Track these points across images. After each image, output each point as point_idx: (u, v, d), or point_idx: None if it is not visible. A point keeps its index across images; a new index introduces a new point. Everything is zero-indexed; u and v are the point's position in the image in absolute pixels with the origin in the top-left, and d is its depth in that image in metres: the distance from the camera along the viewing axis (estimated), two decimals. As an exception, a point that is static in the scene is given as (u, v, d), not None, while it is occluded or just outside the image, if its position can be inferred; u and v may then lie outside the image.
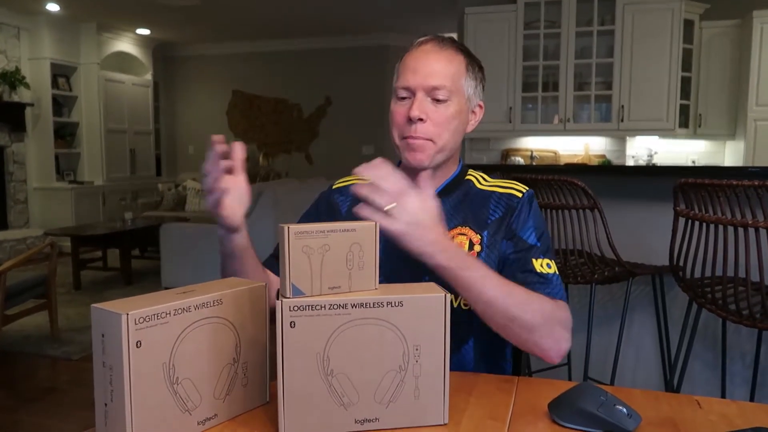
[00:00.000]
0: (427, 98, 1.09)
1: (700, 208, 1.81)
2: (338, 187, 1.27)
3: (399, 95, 1.12)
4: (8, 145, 6.50)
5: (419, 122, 1.08)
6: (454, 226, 1.13)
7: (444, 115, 1.10)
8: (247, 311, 0.83)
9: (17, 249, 6.21)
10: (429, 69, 1.09)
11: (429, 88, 1.08)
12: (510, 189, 1.17)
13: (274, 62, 8.16)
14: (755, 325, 1.73)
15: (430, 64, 1.10)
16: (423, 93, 1.09)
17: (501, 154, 5.51)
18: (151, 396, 0.72)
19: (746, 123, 4.86)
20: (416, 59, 1.11)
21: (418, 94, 1.09)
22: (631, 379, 2.55)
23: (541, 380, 0.99)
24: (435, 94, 1.09)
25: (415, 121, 1.08)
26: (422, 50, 1.12)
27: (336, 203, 1.24)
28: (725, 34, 5.06)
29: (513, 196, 1.15)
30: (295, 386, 0.76)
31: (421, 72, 1.09)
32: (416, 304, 0.79)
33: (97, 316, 0.71)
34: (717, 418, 0.84)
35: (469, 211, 1.14)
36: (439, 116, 1.09)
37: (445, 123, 1.10)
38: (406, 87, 1.10)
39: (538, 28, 5.10)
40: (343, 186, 1.27)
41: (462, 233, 1.12)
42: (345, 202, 1.23)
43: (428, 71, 1.09)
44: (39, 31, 6.60)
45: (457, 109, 1.11)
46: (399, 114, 1.11)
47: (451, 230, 1.13)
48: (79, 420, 2.64)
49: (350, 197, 1.22)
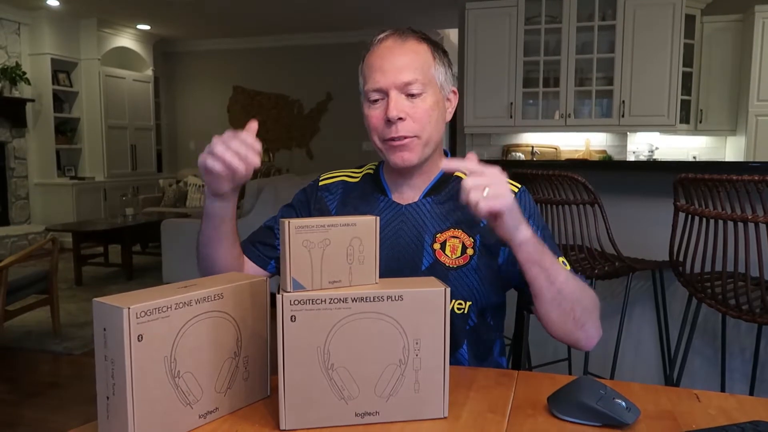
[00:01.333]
0: (401, 95, 1.05)
1: (700, 203, 1.81)
2: (325, 183, 1.23)
3: (371, 98, 1.08)
4: (9, 141, 6.51)
5: (399, 121, 1.05)
6: (446, 228, 1.11)
7: (422, 108, 1.06)
8: (247, 305, 0.84)
9: (19, 245, 6.22)
10: (397, 65, 1.05)
11: (401, 84, 1.05)
12: None
13: (275, 58, 8.15)
14: (755, 320, 1.73)
15: (396, 59, 1.05)
16: (396, 91, 1.05)
17: (502, 150, 5.51)
18: (152, 389, 0.72)
19: (747, 118, 4.86)
20: (381, 57, 1.07)
21: (391, 93, 1.05)
22: (630, 373, 2.55)
23: (540, 374, 0.99)
24: (408, 89, 1.05)
25: (394, 122, 1.05)
26: (385, 47, 1.08)
27: (324, 201, 1.20)
28: (727, 29, 5.05)
29: None
30: (296, 380, 0.77)
31: (389, 70, 1.05)
32: (416, 298, 0.79)
33: (98, 310, 0.72)
34: (716, 411, 0.85)
35: (461, 211, 1.10)
36: (417, 111, 1.06)
37: (425, 116, 1.07)
38: (377, 89, 1.06)
39: (539, 23, 5.10)
40: (330, 182, 1.23)
41: (455, 236, 1.10)
42: (333, 201, 1.20)
43: (396, 67, 1.05)
44: (39, 27, 6.59)
45: (433, 100, 1.08)
46: (375, 117, 1.08)
47: (443, 232, 1.10)
48: (81, 414, 2.65)
49: (339, 195, 1.20)
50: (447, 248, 1.09)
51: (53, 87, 6.72)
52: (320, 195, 1.21)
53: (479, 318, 1.11)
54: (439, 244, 1.09)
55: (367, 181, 1.20)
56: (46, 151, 6.79)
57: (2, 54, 6.35)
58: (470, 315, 1.09)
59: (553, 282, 0.96)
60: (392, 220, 1.13)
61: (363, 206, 1.16)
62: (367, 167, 1.24)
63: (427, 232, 1.10)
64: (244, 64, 8.32)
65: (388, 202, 1.15)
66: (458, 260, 1.09)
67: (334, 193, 1.21)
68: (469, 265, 1.09)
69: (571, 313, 0.97)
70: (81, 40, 7.04)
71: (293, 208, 1.23)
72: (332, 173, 1.25)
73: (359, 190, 1.20)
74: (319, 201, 1.20)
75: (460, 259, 1.09)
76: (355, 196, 1.19)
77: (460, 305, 1.09)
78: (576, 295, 0.98)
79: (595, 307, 1.01)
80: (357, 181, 1.22)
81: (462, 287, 1.08)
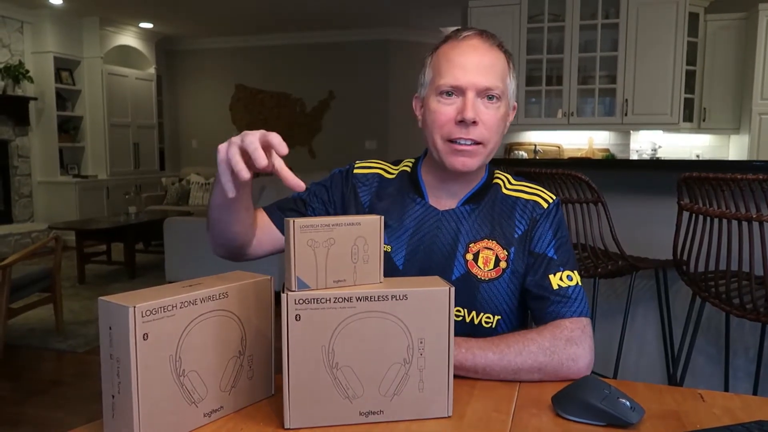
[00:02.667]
0: (478, 98, 1.02)
1: (704, 201, 1.81)
2: (360, 172, 1.18)
3: (444, 93, 1.03)
4: (12, 139, 6.52)
5: (473, 125, 1.01)
6: (480, 238, 1.08)
7: (495, 117, 1.03)
8: (252, 305, 0.84)
9: (22, 243, 6.23)
10: (481, 67, 1.02)
11: (482, 88, 1.01)
12: (535, 196, 1.12)
13: (277, 56, 8.15)
14: (759, 318, 1.73)
15: (481, 60, 1.02)
16: (473, 92, 1.01)
17: (504, 148, 5.50)
18: (157, 388, 0.72)
19: (751, 117, 4.84)
20: (464, 55, 1.02)
21: (468, 93, 1.01)
22: (634, 373, 2.55)
23: (544, 373, 0.99)
24: (487, 93, 1.02)
25: (468, 124, 1.01)
26: (470, 45, 1.04)
27: (357, 190, 1.16)
28: (730, 27, 5.04)
29: (537, 205, 1.11)
30: (301, 379, 0.77)
31: (472, 69, 1.01)
32: (421, 298, 0.79)
33: (104, 309, 0.72)
34: (720, 411, 0.84)
35: (497, 221, 1.09)
36: (490, 118, 1.03)
37: (496, 126, 1.04)
38: (455, 85, 1.02)
39: (542, 22, 5.09)
40: (365, 173, 1.18)
41: (488, 247, 1.07)
42: (367, 194, 1.16)
43: (480, 69, 1.01)
44: (42, 25, 6.60)
45: (504, 111, 1.06)
46: (445, 114, 1.03)
47: (477, 242, 1.07)
48: (85, 413, 2.66)
49: (373, 189, 1.16)
50: (480, 260, 1.07)
51: (56, 85, 6.73)
52: (354, 183, 1.17)
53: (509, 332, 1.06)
54: (472, 255, 1.07)
55: (403, 180, 1.16)
56: (49, 150, 6.80)
57: (5, 52, 6.36)
58: (497, 330, 1.07)
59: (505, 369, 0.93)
60: (427, 225, 1.10)
61: (398, 205, 1.12)
62: (404, 164, 1.19)
63: (461, 242, 1.08)
64: (247, 62, 8.32)
65: (425, 206, 1.11)
66: (490, 273, 1.06)
67: (368, 185, 1.16)
68: (501, 278, 1.06)
69: (519, 376, 0.94)
70: (84, 38, 7.05)
71: (326, 189, 1.17)
72: (367, 163, 1.20)
73: (395, 187, 1.15)
74: (351, 189, 1.16)
75: (493, 272, 1.06)
76: (391, 194, 1.14)
77: (488, 319, 1.06)
78: (532, 363, 0.94)
79: (552, 351, 0.95)
80: (393, 178, 1.17)
81: (492, 301, 1.06)
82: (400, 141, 7.55)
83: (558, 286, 1.04)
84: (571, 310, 1.02)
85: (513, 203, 1.11)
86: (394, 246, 1.09)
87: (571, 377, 0.94)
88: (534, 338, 0.96)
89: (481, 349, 0.93)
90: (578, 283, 1.06)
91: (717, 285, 1.83)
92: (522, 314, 1.13)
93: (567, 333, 0.98)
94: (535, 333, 0.98)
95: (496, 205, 1.11)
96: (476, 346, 0.94)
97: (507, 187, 1.14)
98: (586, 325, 1.01)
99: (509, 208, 1.11)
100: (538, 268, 1.07)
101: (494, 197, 1.12)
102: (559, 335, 0.98)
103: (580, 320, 1.01)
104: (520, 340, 0.96)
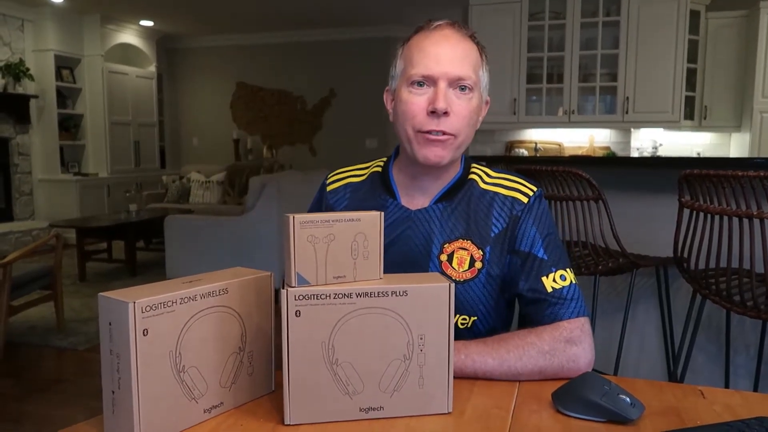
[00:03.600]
0: (450, 89, 1.00)
1: (704, 199, 1.81)
2: (332, 188, 1.18)
3: (415, 84, 1.01)
4: (13, 137, 6.52)
5: (444, 115, 0.99)
6: (455, 238, 1.05)
7: (467, 108, 1.01)
8: (252, 301, 0.84)
9: (23, 241, 6.24)
10: (453, 56, 1.00)
11: (454, 78, 0.99)
12: (514, 191, 1.08)
13: (278, 54, 8.14)
14: (759, 316, 1.73)
15: (453, 50, 1.00)
16: (445, 83, 0.99)
17: (505, 146, 5.50)
18: (157, 384, 0.72)
19: (752, 115, 4.84)
20: (436, 44, 1.00)
21: (440, 84, 0.99)
22: (634, 370, 2.55)
23: (544, 370, 0.99)
24: (459, 84, 1.00)
25: (440, 114, 0.99)
26: (442, 35, 1.02)
27: (333, 208, 1.16)
28: (732, 25, 5.03)
29: (516, 201, 1.07)
30: (301, 375, 0.77)
31: (444, 59, 0.99)
32: (421, 294, 0.79)
33: (104, 305, 0.72)
34: (720, 408, 0.84)
35: (472, 219, 1.06)
36: (462, 109, 1.01)
37: (468, 117, 1.02)
38: (426, 75, 1.00)
39: (543, 19, 5.09)
40: (337, 186, 1.18)
41: (463, 247, 1.05)
42: (341, 206, 1.15)
43: (452, 59, 1.00)
44: (43, 23, 6.59)
45: (477, 103, 1.04)
46: (416, 105, 1.01)
47: (452, 242, 1.05)
48: (86, 410, 2.66)
49: (347, 200, 1.15)
50: (454, 260, 1.04)
51: (57, 83, 6.72)
52: (329, 202, 1.16)
53: (487, 332, 1.06)
54: (446, 256, 1.05)
55: (374, 180, 1.15)
56: (49, 147, 6.80)
57: (6, 50, 6.35)
58: (472, 330, 1.06)
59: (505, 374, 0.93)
60: (399, 226, 1.07)
61: (369, 208, 1.09)
62: (375, 164, 1.18)
63: (434, 242, 1.05)
64: (247, 60, 8.31)
65: (397, 206, 1.09)
66: (465, 273, 1.04)
67: (341, 198, 1.16)
68: (476, 279, 1.04)
69: (521, 378, 0.94)
70: (84, 36, 7.04)
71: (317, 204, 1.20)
72: (338, 174, 1.19)
73: (365, 189, 1.14)
74: (330, 209, 1.16)
75: (468, 273, 1.04)
76: (361, 197, 1.14)
77: (464, 320, 1.05)
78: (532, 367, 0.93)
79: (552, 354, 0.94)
80: (363, 180, 1.16)
81: (468, 302, 1.04)
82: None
83: (552, 288, 1.01)
84: (569, 311, 1.00)
85: (491, 199, 1.08)
86: None
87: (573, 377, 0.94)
88: (534, 342, 0.95)
89: (480, 355, 0.93)
90: (572, 282, 1.03)
91: (718, 282, 1.83)
92: (502, 314, 1.10)
93: (566, 334, 0.97)
94: (535, 336, 0.96)
95: (471, 201, 1.08)
96: (475, 351, 0.93)
97: (485, 181, 1.10)
98: (584, 324, 1.00)
99: (486, 204, 1.07)
100: (530, 272, 1.04)
101: (470, 193, 1.09)
102: (558, 337, 0.97)
103: (578, 320, 1.00)
104: (520, 345, 0.94)
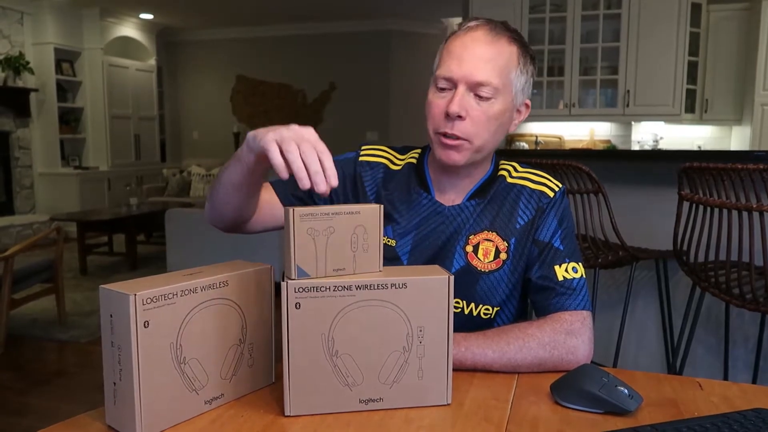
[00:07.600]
0: (470, 93, 0.99)
1: (704, 192, 1.81)
2: (366, 159, 1.15)
3: (438, 85, 1.02)
4: (13, 131, 6.51)
5: (458, 119, 0.99)
6: (480, 230, 1.06)
7: (486, 114, 1.00)
8: (252, 293, 0.84)
9: (24, 234, 6.25)
10: (476, 61, 0.99)
11: (473, 83, 0.99)
12: (542, 186, 1.09)
13: (278, 47, 8.13)
14: (758, 309, 1.73)
15: (478, 54, 0.99)
16: (465, 87, 0.99)
17: (505, 139, 5.48)
18: (158, 375, 0.73)
19: (753, 108, 4.83)
20: (463, 47, 1.00)
21: (459, 88, 0.99)
22: (633, 362, 2.56)
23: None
24: (478, 90, 0.99)
25: (453, 118, 0.99)
26: (472, 37, 1.01)
27: (361, 178, 1.14)
28: (733, 18, 5.01)
29: (543, 195, 1.09)
30: (301, 367, 0.77)
31: (467, 63, 0.99)
32: (420, 286, 0.79)
33: (105, 297, 0.72)
34: (718, 399, 0.85)
35: (498, 212, 1.07)
36: (479, 115, 1.00)
37: (485, 123, 1.01)
38: (448, 77, 1.00)
39: (544, 12, 5.06)
40: (371, 160, 1.15)
41: (488, 239, 1.06)
42: (371, 183, 1.13)
43: (475, 63, 0.98)
44: (42, 17, 6.58)
45: (501, 108, 1.02)
46: (436, 106, 1.02)
47: (477, 234, 1.06)
48: (88, 402, 2.67)
49: (378, 180, 1.13)
50: (480, 251, 1.06)
51: (57, 77, 6.72)
52: (358, 171, 1.14)
53: (510, 323, 1.07)
54: (472, 247, 1.06)
55: (410, 172, 1.13)
56: (50, 141, 6.80)
57: (6, 44, 6.34)
58: (495, 321, 1.07)
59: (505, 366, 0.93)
60: (433, 221, 1.08)
61: (404, 200, 1.10)
62: (411, 154, 1.17)
63: (462, 234, 1.07)
64: (248, 53, 8.30)
65: (431, 201, 1.10)
66: (490, 264, 1.05)
67: (373, 175, 1.14)
68: (501, 270, 1.06)
69: (520, 369, 0.95)
70: (84, 29, 7.03)
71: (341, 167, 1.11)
72: (373, 150, 1.17)
73: (400, 180, 1.13)
74: (357, 177, 1.14)
75: (493, 264, 1.05)
76: (396, 187, 1.12)
77: (487, 311, 1.06)
78: (532, 359, 0.94)
79: (553, 345, 0.95)
80: (399, 169, 1.15)
81: (492, 292, 1.06)
82: (401, 132, 7.54)
83: (563, 277, 1.03)
84: (574, 303, 1.01)
85: (518, 192, 1.09)
86: (399, 241, 1.08)
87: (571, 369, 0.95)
88: (534, 334, 0.96)
89: (480, 347, 0.93)
90: (583, 276, 1.05)
91: (717, 275, 1.83)
92: (521, 305, 1.13)
93: (567, 326, 0.98)
94: (535, 328, 0.97)
95: (500, 196, 1.09)
96: (475, 344, 0.93)
97: (512, 175, 1.12)
98: (586, 318, 1.01)
99: (514, 197, 1.09)
100: (545, 260, 1.05)
101: (499, 188, 1.10)
102: (559, 329, 0.97)
103: (581, 313, 1.01)
104: (521, 336, 0.95)
